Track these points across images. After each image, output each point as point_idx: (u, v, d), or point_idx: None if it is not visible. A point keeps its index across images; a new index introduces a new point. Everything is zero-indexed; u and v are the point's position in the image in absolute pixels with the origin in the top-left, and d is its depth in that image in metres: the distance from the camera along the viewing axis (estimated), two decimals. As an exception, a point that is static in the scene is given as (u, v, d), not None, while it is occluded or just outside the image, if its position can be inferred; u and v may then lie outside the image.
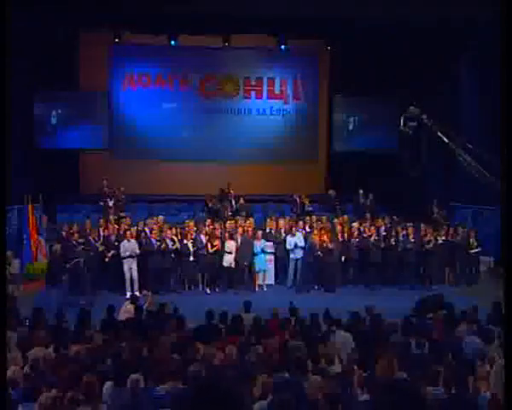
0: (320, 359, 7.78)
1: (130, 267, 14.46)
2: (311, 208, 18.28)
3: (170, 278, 15.05)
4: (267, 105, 20.96)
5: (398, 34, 17.76)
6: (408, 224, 15.98)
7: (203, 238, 15.07)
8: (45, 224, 16.25)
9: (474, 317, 10.04)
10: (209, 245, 15.00)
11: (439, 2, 14.77)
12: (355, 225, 15.90)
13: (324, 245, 15.13)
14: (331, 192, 19.01)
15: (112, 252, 14.60)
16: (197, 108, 20.52)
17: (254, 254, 15.18)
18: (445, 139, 13.26)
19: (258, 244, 15.23)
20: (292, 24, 17.40)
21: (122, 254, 14.42)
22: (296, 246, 15.29)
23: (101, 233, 14.99)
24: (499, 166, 10.04)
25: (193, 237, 15.05)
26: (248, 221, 16.15)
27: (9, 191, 11.74)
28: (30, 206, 15.73)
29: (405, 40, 18.11)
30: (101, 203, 17.63)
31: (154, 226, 15.15)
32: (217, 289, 15.09)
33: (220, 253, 15.04)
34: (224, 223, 15.88)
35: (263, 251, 15.30)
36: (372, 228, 15.77)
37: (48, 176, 17.74)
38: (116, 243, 14.73)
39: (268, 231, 15.81)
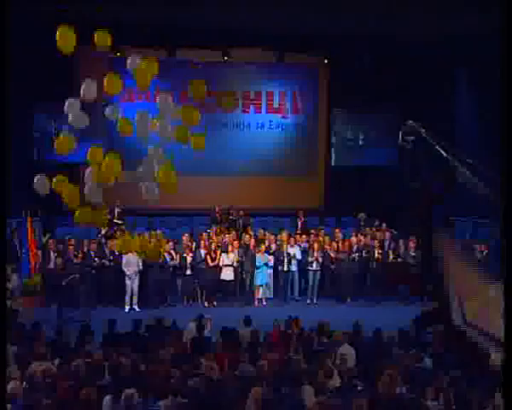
0: (319, 372, 7.75)
1: (133, 280, 14.47)
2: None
3: (169, 292, 15.02)
4: (266, 119, 20.95)
5: (397, 48, 17.87)
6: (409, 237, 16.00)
7: (202, 252, 15.07)
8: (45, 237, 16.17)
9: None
10: (209, 259, 15.00)
11: (438, 17, 14.85)
12: (354, 239, 15.89)
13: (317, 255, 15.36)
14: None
15: (111, 264, 14.65)
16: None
17: (256, 268, 15.16)
18: (444, 153, 13.29)
19: (261, 258, 15.21)
20: (291, 38, 17.50)
21: (124, 268, 14.46)
22: (293, 257, 15.38)
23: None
24: (498, 180, 10.05)
25: (192, 250, 15.06)
26: (249, 235, 16.17)
27: (9, 204, 11.73)
28: (29, 218, 15.68)
29: (404, 54, 18.20)
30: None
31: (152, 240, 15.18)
32: (215, 303, 15.06)
33: (219, 266, 15.02)
34: (224, 236, 15.87)
35: (265, 265, 15.25)
36: (374, 242, 15.81)
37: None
38: (113, 258, 14.77)
39: (268, 244, 15.80)
